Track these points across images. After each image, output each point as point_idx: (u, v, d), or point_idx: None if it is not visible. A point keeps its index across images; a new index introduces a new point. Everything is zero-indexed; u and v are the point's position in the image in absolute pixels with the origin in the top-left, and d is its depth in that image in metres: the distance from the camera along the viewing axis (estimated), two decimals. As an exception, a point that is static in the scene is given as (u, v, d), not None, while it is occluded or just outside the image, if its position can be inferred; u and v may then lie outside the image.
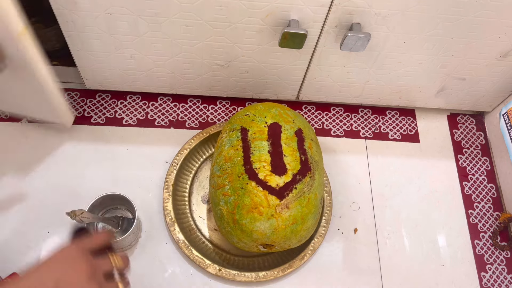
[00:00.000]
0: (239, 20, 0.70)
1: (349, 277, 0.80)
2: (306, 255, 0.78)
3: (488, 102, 0.93)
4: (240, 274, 0.76)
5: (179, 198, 0.82)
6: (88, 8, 0.68)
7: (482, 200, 0.90)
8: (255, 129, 0.71)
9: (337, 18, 0.69)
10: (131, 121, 0.90)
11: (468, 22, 0.71)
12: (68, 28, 0.72)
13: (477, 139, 0.97)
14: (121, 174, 0.84)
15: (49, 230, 0.78)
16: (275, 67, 0.82)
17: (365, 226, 0.85)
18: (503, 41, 0.75)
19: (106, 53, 0.77)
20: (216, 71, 0.83)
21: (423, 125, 0.97)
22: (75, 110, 0.89)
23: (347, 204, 0.86)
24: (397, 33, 0.73)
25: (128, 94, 0.92)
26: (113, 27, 0.71)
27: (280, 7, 0.67)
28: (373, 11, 0.68)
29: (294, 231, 0.68)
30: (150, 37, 0.74)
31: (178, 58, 0.79)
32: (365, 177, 0.90)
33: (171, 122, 0.91)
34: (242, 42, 0.75)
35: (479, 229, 0.88)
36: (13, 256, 0.75)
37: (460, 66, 0.82)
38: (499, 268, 0.84)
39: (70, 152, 0.85)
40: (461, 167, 0.94)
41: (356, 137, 0.94)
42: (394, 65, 0.81)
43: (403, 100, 0.92)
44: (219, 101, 0.94)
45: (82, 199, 0.80)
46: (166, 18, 0.69)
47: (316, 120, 0.95)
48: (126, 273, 0.52)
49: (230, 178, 0.68)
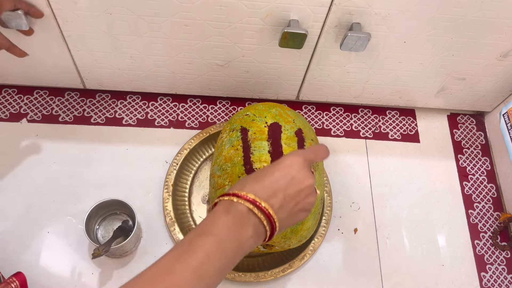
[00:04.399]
0: (239, 20, 0.70)
1: (349, 277, 0.80)
2: (306, 255, 0.78)
3: (488, 102, 0.93)
4: (240, 274, 0.76)
5: (179, 198, 0.82)
6: (88, 8, 0.68)
7: (482, 200, 0.90)
8: (255, 129, 0.71)
9: (337, 18, 0.69)
10: (131, 121, 0.90)
11: (468, 22, 0.71)
12: (68, 28, 0.72)
13: (477, 139, 0.97)
14: (121, 174, 0.84)
15: (49, 230, 0.78)
16: (275, 67, 0.82)
17: (365, 226, 0.85)
18: (503, 41, 0.75)
19: (106, 53, 0.77)
20: (216, 71, 0.83)
21: (423, 125, 0.97)
22: (75, 110, 0.89)
23: (347, 204, 0.86)
24: (397, 33, 0.73)
25: (128, 94, 0.92)
26: (113, 27, 0.71)
27: (280, 7, 0.67)
28: (373, 11, 0.68)
29: (294, 231, 0.68)
30: (150, 37, 0.74)
31: (178, 58, 0.79)
32: (365, 177, 0.90)
33: (171, 122, 0.91)
34: (242, 42, 0.75)
35: (479, 229, 0.88)
36: (13, 256, 0.75)
37: (460, 66, 0.82)
38: (499, 268, 0.84)
39: (70, 152, 0.85)
40: (461, 167, 0.94)
41: (356, 137, 0.94)
42: (394, 65, 0.81)
43: (403, 100, 0.92)
44: (219, 101, 0.94)
45: (82, 199, 0.81)
46: (166, 18, 0.69)
47: (316, 120, 0.95)
48: None
49: (230, 178, 0.68)
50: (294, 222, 0.52)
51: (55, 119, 0.88)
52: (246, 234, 0.47)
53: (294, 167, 0.50)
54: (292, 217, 0.51)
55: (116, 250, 0.73)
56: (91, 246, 0.76)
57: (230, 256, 0.46)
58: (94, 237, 0.76)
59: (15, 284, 0.66)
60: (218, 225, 0.46)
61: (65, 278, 0.75)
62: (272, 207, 0.48)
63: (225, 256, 0.45)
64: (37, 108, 0.89)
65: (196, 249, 0.44)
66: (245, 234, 0.46)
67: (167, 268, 0.42)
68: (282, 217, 0.49)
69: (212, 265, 0.44)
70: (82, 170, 0.84)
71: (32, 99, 0.89)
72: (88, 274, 0.75)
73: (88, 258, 0.76)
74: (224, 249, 0.45)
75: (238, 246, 0.46)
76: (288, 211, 0.50)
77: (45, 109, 0.89)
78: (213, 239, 0.45)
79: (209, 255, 0.44)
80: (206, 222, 0.47)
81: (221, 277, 0.45)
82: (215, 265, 0.44)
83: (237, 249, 0.46)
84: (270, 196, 0.48)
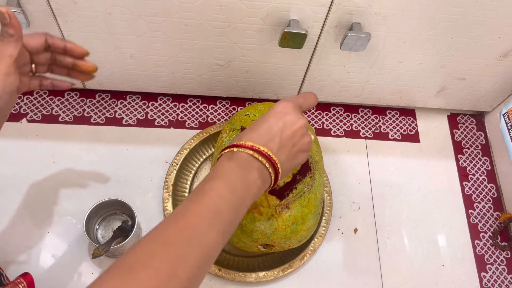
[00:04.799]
0: (239, 20, 0.70)
1: (349, 277, 0.80)
2: (306, 255, 0.78)
3: (488, 102, 0.93)
4: (240, 274, 0.76)
5: (179, 198, 0.82)
6: (88, 8, 0.68)
7: (483, 200, 0.90)
8: (255, 129, 0.71)
9: (337, 18, 0.69)
10: (131, 121, 0.90)
11: (468, 22, 0.71)
12: (68, 28, 0.72)
13: (477, 139, 0.97)
14: (121, 174, 0.84)
15: (49, 230, 0.78)
16: (275, 67, 0.82)
17: (365, 226, 0.85)
18: (503, 41, 0.75)
19: (106, 53, 0.77)
20: (216, 71, 0.83)
21: (423, 125, 0.97)
22: (75, 110, 0.89)
23: (347, 204, 0.86)
24: (397, 33, 0.73)
25: (128, 94, 0.92)
26: (113, 27, 0.71)
27: (280, 7, 0.67)
28: (373, 11, 0.68)
29: (294, 231, 0.68)
30: (150, 37, 0.74)
31: (178, 58, 0.79)
32: (365, 177, 0.90)
33: (171, 122, 0.91)
34: (242, 42, 0.75)
35: (479, 229, 0.88)
36: (13, 256, 0.75)
37: (460, 66, 0.82)
38: (499, 268, 0.84)
39: (70, 152, 0.85)
40: (461, 167, 0.94)
41: (356, 137, 0.94)
42: (394, 65, 0.81)
43: (403, 100, 0.92)
44: (219, 101, 0.94)
45: (82, 199, 0.81)
46: (166, 18, 0.69)
47: (316, 120, 0.95)
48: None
49: (230, 178, 0.68)
50: (295, 163, 0.55)
51: (55, 119, 0.88)
52: (252, 176, 0.49)
53: (285, 112, 0.53)
54: (293, 159, 0.54)
55: (116, 250, 0.73)
56: (91, 246, 0.76)
57: (241, 196, 0.48)
58: (94, 237, 0.76)
59: (22, 285, 0.66)
60: (224, 170, 0.49)
61: (65, 278, 0.74)
62: (272, 151, 0.51)
63: (236, 196, 0.47)
64: (37, 108, 0.89)
65: (208, 191, 0.46)
66: (251, 177, 0.49)
67: (184, 210, 0.45)
68: (283, 158, 0.52)
69: (225, 202, 0.46)
70: (82, 170, 0.84)
71: (32, 99, 0.89)
72: (88, 274, 0.75)
73: (88, 258, 0.76)
74: (234, 190, 0.47)
75: (246, 187, 0.48)
76: (287, 153, 0.53)
77: (45, 109, 0.89)
78: (222, 181, 0.47)
79: (221, 194, 0.46)
80: (213, 171, 0.49)
81: (236, 217, 0.47)
82: (228, 203, 0.46)
83: (246, 190, 0.48)
84: (267, 141, 0.51)
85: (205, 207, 0.45)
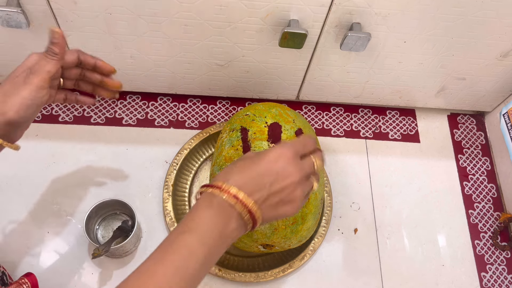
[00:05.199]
0: (239, 20, 0.70)
1: (349, 277, 0.80)
2: (306, 255, 0.78)
3: (488, 102, 0.93)
4: (240, 274, 0.76)
5: (179, 198, 0.82)
6: (88, 8, 0.68)
7: (483, 200, 0.90)
8: (255, 129, 0.71)
9: (337, 18, 0.69)
10: (131, 121, 0.90)
11: (468, 22, 0.71)
12: (68, 28, 0.72)
13: (477, 139, 0.97)
14: (121, 174, 0.84)
15: (49, 230, 0.78)
16: (275, 67, 0.82)
17: (365, 226, 0.85)
18: (503, 41, 0.75)
19: (106, 53, 0.77)
20: (216, 71, 0.83)
21: (423, 125, 0.97)
22: (75, 110, 0.89)
23: (347, 204, 0.86)
24: (397, 33, 0.73)
25: (128, 94, 0.92)
26: (113, 27, 0.71)
27: (280, 6, 0.67)
28: (373, 11, 0.68)
29: (294, 231, 0.68)
30: (150, 37, 0.74)
31: (178, 58, 0.79)
32: (365, 177, 0.90)
33: (171, 122, 0.91)
34: (242, 42, 0.75)
35: (479, 229, 0.88)
36: (13, 256, 0.75)
37: (460, 66, 0.82)
38: (499, 268, 0.84)
39: (69, 152, 0.85)
40: (461, 167, 0.94)
41: (356, 137, 0.94)
42: (394, 65, 0.81)
43: (403, 100, 0.92)
44: (219, 101, 0.94)
45: (82, 199, 0.81)
46: (166, 18, 0.69)
47: (316, 120, 0.95)
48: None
49: (230, 178, 0.68)
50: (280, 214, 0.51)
51: (55, 119, 0.88)
52: (230, 227, 0.47)
53: (279, 162, 0.50)
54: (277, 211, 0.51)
55: (116, 250, 0.73)
56: (91, 246, 0.76)
57: (214, 250, 0.46)
58: (94, 237, 0.76)
59: (27, 286, 0.66)
60: (200, 219, 0.46)
61: (65, 278, 0.74)
62: (256, 203, 0.48)
63: (209, 251, 0.45)
64: (37, 108, 0.89)
65: (179, 248, 0.44)
66: (228, 228, 0.47)
67: (150, 270, 0.43)
68: (265, 211, 0.49)
69: (195, 261, 0.44)
70: (82, 170, 0.84)
71: (32, 99, 0.89)
72: (88, 274, 0.75)
73: (88, 258, 0.76)
74: (208, 244, 0.45)
75: (222, 239, 0.46)
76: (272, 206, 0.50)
77: (45, 109, 0.89)
78: (196, 236, 0.45)
79: (192, 252, 0.44)
80: (189, 218, 0.47)
81: (206, 270, 0.46)
82: (198, 261, 0.44)
83: (221, 243, 0.47)
84: (253, 191, 0.48)
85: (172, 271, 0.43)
